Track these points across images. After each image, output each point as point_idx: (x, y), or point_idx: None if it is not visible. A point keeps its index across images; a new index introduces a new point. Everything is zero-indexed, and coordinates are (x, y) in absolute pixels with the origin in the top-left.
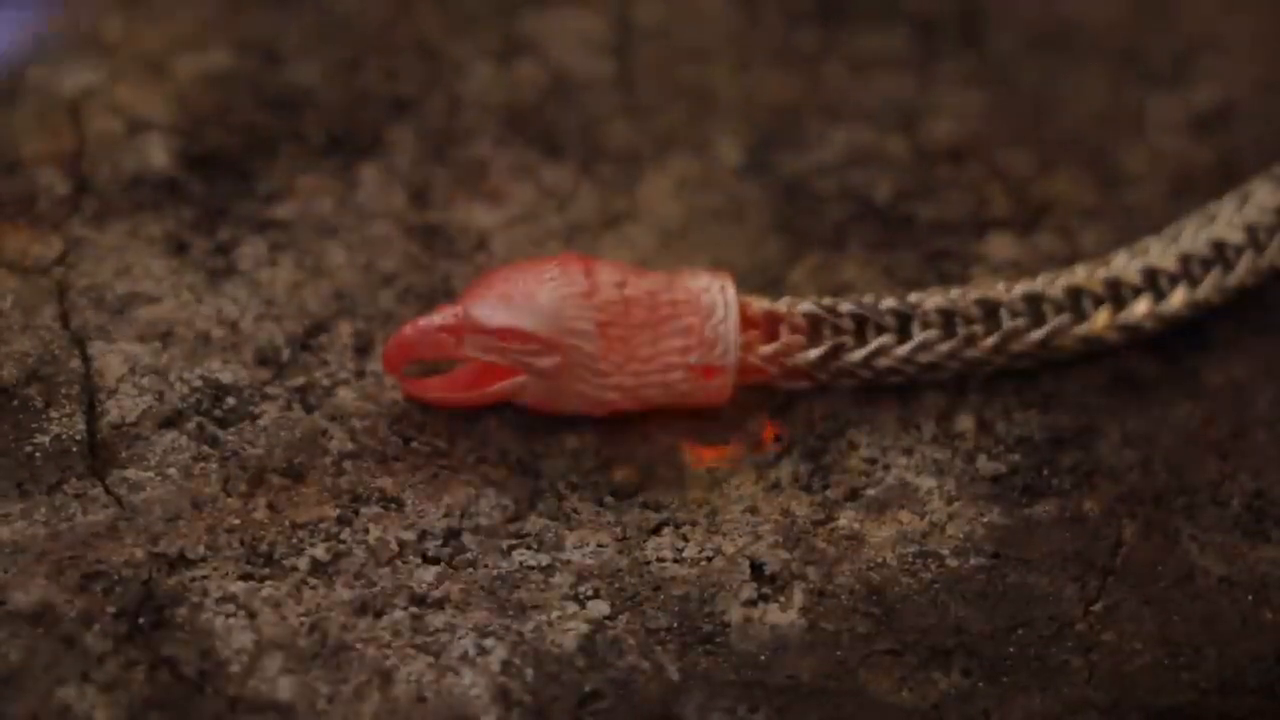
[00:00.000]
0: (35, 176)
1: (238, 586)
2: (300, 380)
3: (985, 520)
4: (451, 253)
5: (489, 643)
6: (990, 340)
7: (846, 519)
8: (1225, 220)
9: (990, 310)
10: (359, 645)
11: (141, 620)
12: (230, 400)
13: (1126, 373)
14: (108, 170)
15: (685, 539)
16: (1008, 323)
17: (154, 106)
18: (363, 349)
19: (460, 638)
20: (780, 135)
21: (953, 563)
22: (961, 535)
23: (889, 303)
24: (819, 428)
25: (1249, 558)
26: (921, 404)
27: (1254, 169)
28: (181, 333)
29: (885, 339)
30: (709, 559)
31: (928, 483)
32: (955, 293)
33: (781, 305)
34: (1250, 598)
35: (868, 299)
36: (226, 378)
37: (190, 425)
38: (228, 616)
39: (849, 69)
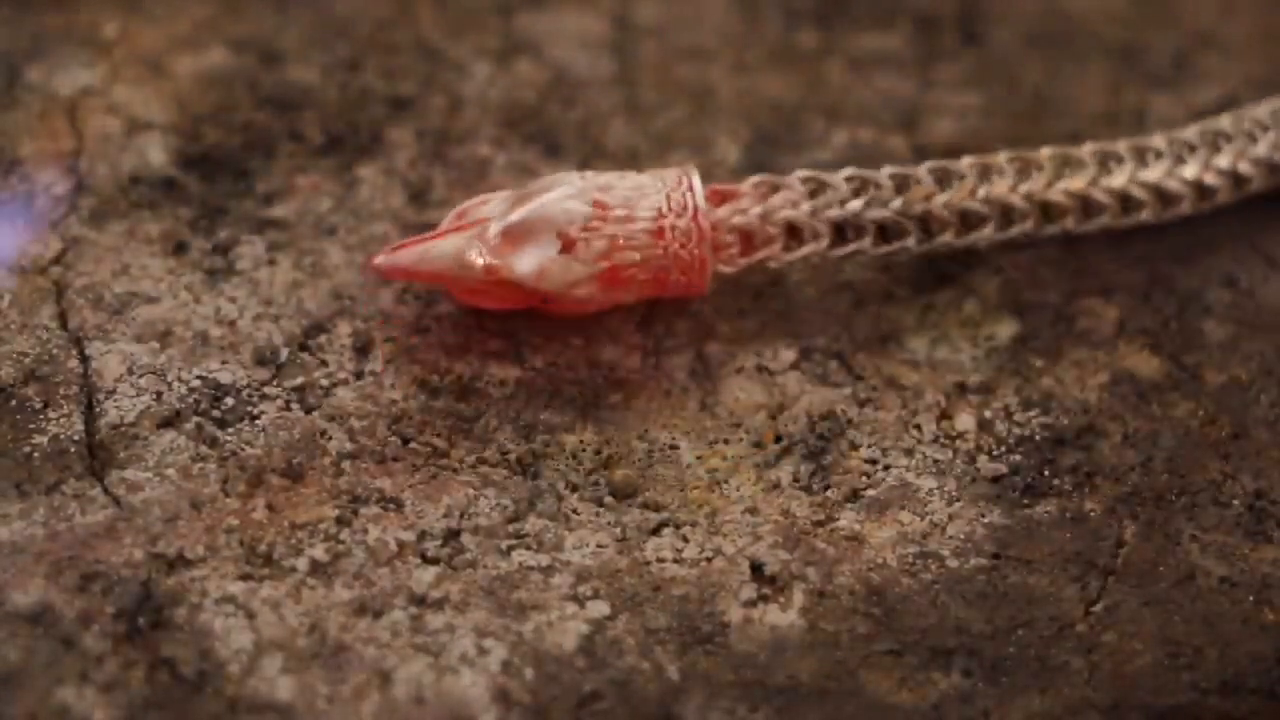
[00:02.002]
0: (34, 176)
1: (237, 587)
2: (299, 380)
3: (986, 521)
4: None
5: (489, 643)
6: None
7: (847, 519)
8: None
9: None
10: (358, 645)
11: (140, 621)
12: (229, 400)
13: (1127, 372)
14: (106, 170)
15: (685, 539)
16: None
17: (152, 106)
18: (362, 349)
19: (460, 638)
20: (780, 135)
21: (953, 563)
22: (962, 536)
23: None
24: (819, 428)
25: (1250, 558)
26: (922, 404)
27: None
28: (180, 332)
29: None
30: (709, 559)
31: (928, 483)
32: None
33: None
34: (1251, 598)
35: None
36: (225, 378)
37: (189, 425)
38: (227, 617)
39: (849, 69)
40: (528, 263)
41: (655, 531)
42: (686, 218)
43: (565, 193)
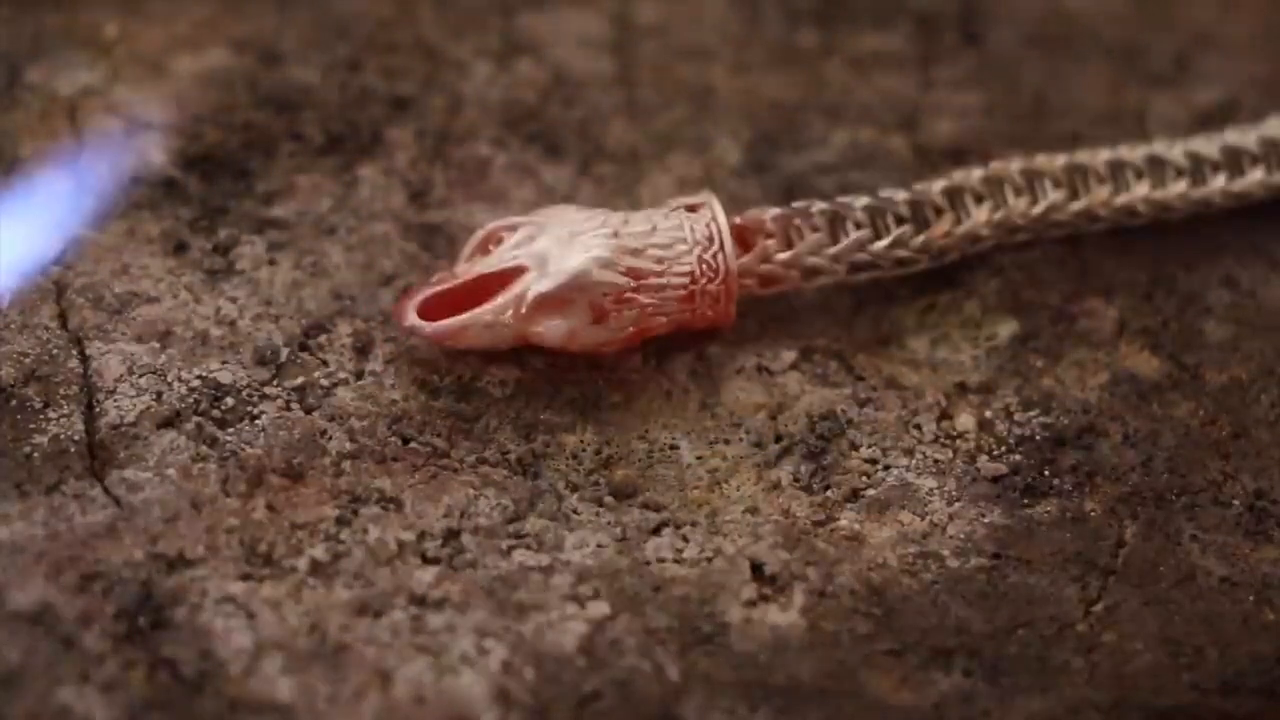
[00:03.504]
0: (34, 176)
1: (237, 587)
2: (299, 380)
3: (986, 521)
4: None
5: (489, 643)
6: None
7: (847, 519)
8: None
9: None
10: (358, 645)
11: (141, 621)
12: (229, 400)
13: (1128, 372)
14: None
15: (685, 539)
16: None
17: (152, 106)
18: (362, 349)
19: (460, 638)
20: (780, 135)
21: (953, 563)
22: (962, 536)
23: (862, 200)
24: (819, 428)
25: (1250, 558)
26: (922, 403)
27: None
28: (180, 332)
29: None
30: (709, 559)
31: (928, 483)
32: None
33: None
34: (1251, 598)
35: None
36: (225, 378)
37: (189, 425)
38: (227, 617)
39: (849, 69)
40: (558, 331)
41: (655, 531)
42: (717, 281)
43: (599, 260)
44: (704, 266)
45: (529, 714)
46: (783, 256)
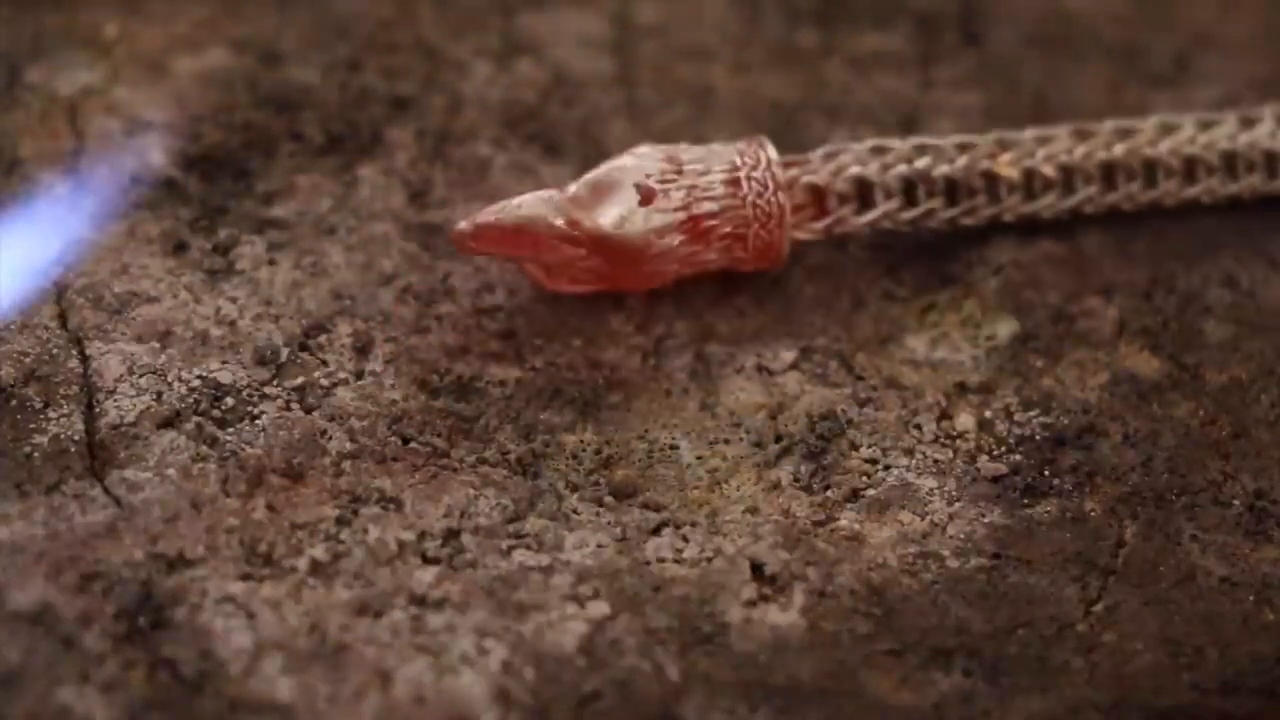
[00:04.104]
0: (34, 176)
1: (237, 587)
2: (299, 380)
3: (986, 521)
4: (451, 252)
5: (489, 643)
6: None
7: (847, 519)
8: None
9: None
10: (358, 645)
11: (141, 621)
12: (229, 400)
13: (1127, 372)
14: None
15: (685, 539)
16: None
17: (152, 106)
18: (362, 349)
19: (460, 638)
20: (780, 135)
21: (953, 563)
22: (962, 536)
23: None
24: (819, 428)
25: (1250, 558)
26: (922, 404)
27: None
28: (180, 332)
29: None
30: (709, 559)
31: (928, 483)
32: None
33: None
34: (1251, 598)
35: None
36: (225, 378)
37: (189, 425)
38: (227, 617)
39: (849, 69)
40: (609, 215)
41: (655, 531)
42: (761, 168)
43: (639, 153)
44: (744, 159)
45: (529, 714)
46: (829, 165)
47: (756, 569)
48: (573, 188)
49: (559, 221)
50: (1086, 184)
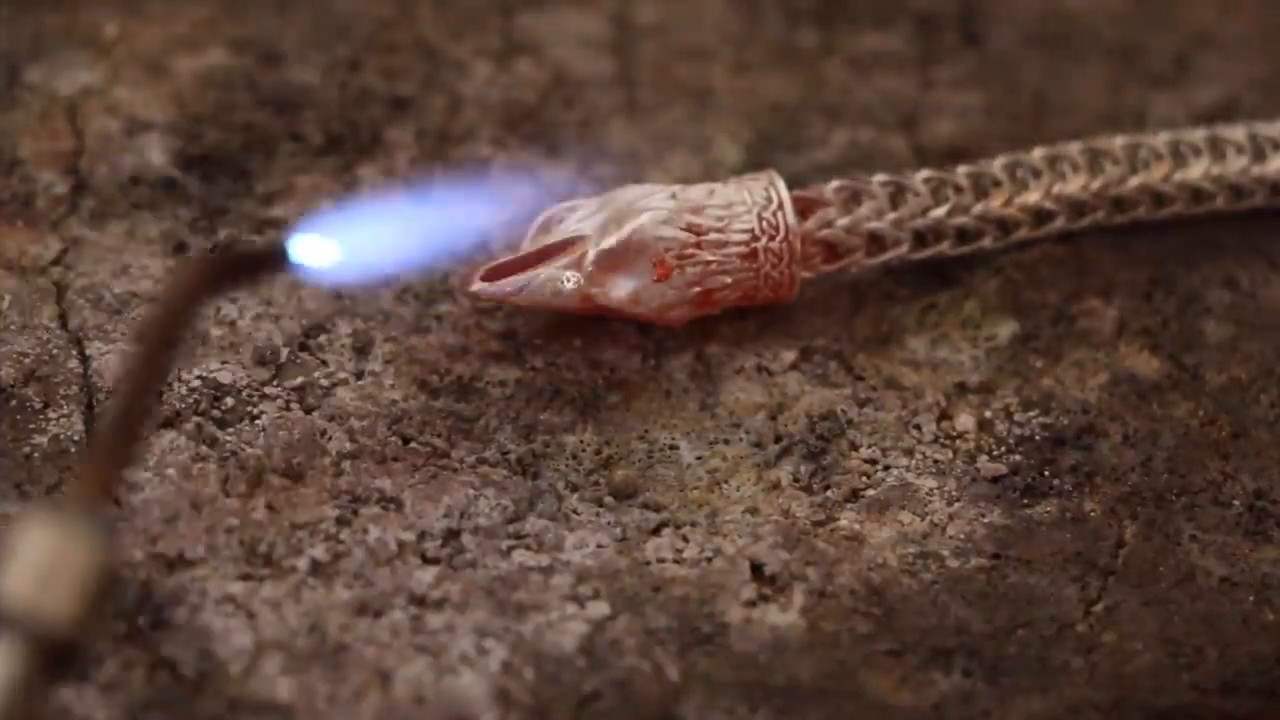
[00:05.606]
0: (34, 176)
1: (237, 587)
2: (299, 380)
3: (986, 521)
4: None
5: (489, 643)
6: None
7: (847, 519)
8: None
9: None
10: (358, 645)
11: (141, 620)
12: (229, 400)
13: (1127, 373)
14: (106, 170)
15: (685, 539)
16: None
17: (152, 106)
18: (361, 349)
19: (460, 638)
20: (780, 135)
21: (953, 563)
22: (962, 536)
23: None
24: (819, 428)
25: (1250, 558)
26: (922, 404)
27: None
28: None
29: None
30: (709, 559)
31: (928, 483)
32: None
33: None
34: (1251, 598)
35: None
36: (225, 378)
37: (189, 425)
38: (227, 617)
39: (849, 69)
40: (622, 290)
41: (655, 531)
42: (779, 239)
43: (659, 217)
44: (764, 224)
45: (529, 714)
46: (843, 221)
47: (756, 569)
48: (590, 255)
49: (574, 295)
50: (1094, 212)
